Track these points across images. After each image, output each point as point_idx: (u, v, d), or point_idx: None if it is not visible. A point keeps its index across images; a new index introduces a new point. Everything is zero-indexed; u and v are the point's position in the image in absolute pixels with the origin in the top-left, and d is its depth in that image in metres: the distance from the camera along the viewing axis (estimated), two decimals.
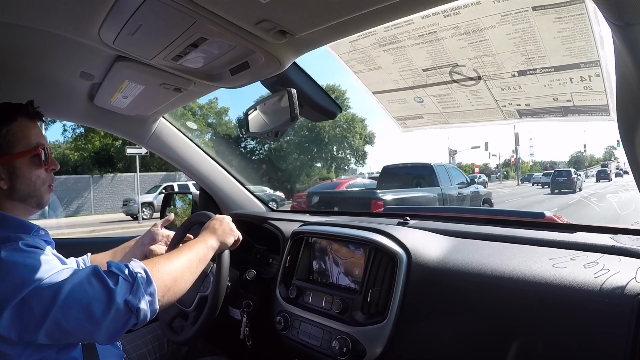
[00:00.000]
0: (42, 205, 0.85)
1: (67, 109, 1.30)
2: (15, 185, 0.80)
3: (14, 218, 0.80)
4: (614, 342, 0.63)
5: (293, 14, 0.68)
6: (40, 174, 0.83)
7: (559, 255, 0.80)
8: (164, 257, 0.83)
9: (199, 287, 1.10)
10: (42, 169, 0.83)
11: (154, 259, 0.81)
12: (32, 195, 0.83)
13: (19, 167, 0.80)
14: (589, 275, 0.70)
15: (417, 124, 1.02)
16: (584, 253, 0.79)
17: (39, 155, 0.82)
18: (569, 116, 0.80)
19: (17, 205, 0.82)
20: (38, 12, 0.75)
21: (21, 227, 0.80)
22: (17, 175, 0.80)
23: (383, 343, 0.87)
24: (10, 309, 0.63)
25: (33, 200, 0.83)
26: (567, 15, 0.63)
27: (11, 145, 0.79)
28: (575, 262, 0.76)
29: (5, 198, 0.80)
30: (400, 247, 0.93)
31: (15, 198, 0.81)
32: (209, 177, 1.62)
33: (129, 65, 0.97)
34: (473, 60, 0.77)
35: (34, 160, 0.82)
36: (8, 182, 0.79)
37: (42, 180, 0.84)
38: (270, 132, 1.00)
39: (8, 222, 0.78)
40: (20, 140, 0.80)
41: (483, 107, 0.87)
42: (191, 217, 1.25)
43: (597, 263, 0.74)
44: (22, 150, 0.80)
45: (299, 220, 1.35)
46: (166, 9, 0.67)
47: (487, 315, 0.78)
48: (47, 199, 0.87)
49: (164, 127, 1.49)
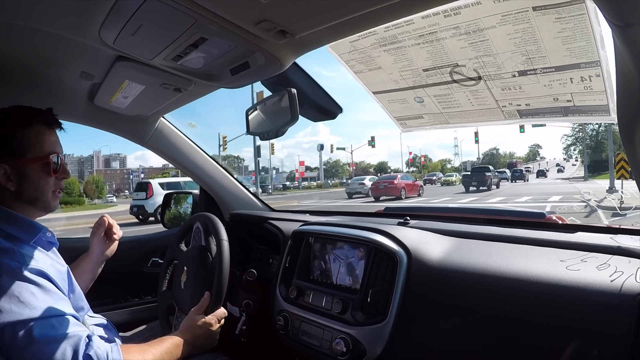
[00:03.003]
0: (48, 210, 0.87)
1: (67, 109, 1.30)
2: (23, 188, 0.82)
3: (24, 218, 0.82)
4: (614, 342, 0.63)
5: (293, 14, 0.68)
6: (49, 181, 0.85)
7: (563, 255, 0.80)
8: (139, 348, 0.83)
9: (200, 287, 1.10)
10: (52, 177, 0.85)
11: (128, 348, 0.80)
12: (39, 199, 0.84)
13: (28, 172, 0.82)
14: (589, 275, 0.70)
15: (418, 124, 1.03)
16: (584, 253, 0.79)
17: (50, 163, 0.83)
18: (569, 116, 0.80)
19: (24, 207, 0.83)
20: (38, 12, 0.75)
21: (30, 227, 0.82)
22: (25, 179, 0.82)
23: (383, 343, 0.87)
24: None
25: (40, 205, 0.85)
26: (567, 16, 0.63)
27: (24, 150, 0.81)
28: (576, 262, 0.76)
29: (13, 199, 0.82)
30: (401, 247, 0.93)
31: (23, 200, 0.83)
32: (209, 177, 1.62)
33: (129, 65, 0.97)
34: (473, 61, 0.77)
35: (44, 167, 0.83)
36: (16, 185, 0.81)
37: (50, 187, 0.85)
38: (270, 132, 1.00)
39: (18, 221, 0.81)
40: (34, 146, 0.82)
41: (483, 107, 0.87)
42: (191, 219, 1.25)
43: (597, 263, 0.74)
44: (34, 156, 0.82)
45: (299, 220, 1.35)
46: (166, 9, 0.67)
47: (487, 315, 0.78)
48: (55, 204, 0.88)
49: (164, 127, 1.49)
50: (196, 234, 1.22)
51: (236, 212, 1.59)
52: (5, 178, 0.80)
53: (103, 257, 1.12)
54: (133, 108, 1.26)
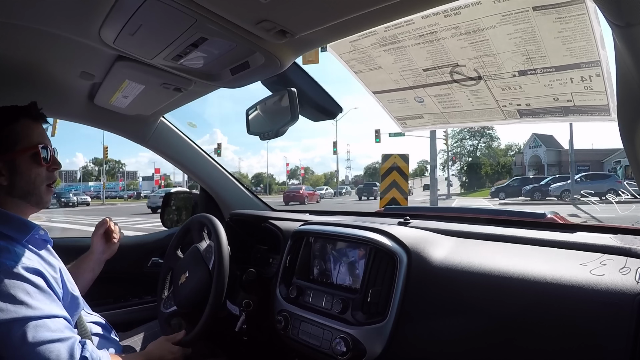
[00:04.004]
0: (41, 205, 0.86)
1: (68, 108, 1.30)
2: (15, 182, 0.82)
3: (16, 216, 0.82)
4: (614, 342, 0.63)
5: (293, 14, 0.68)
6: (40, 172, 0.85)
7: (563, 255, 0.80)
8: None
9: (199, 287, 1.10)
10: (43, 168, 0.85)
11: (115, 358, 0.87)
12: (31, 193, 0.84)
13: (19, 164, 0.82)
14: (588, 275, 0.70)
15: (418, 123, 1.03)
16: (585, 253, 0.79)
17: (39, 153, 0.83)
18: (569, 116, 0.80)
19: (17, 202, 0.83)
20: (38, 12, 0.75)
21: (23, 225, 0.81)
22: (17, 172, 0.82)
23: (383, 342, 0.87)
24: None
25: (32, 199, 0.85)
26: (567, 15, 0.63)
27: (13, 143, 0.82)
28: (576, 262, 0.76)
29: (6, 194, 0.82)
30: (401, 247, 0.93)
31: (15, 195, 0.82)
32: (209, 177, 1.62)
33: (129, 65, 0.97)
34: (473, 60, 0.77)
35: (34, 158, 0.83)
36: (8, 179, 0.81)
37: (42, 179, 0.85)
38: (270, 132, 1.00)
39: (10, 220, 0.80)
40: (22, 139, 0.83)
41: (483, 107, 0.87)
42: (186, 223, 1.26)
43: (597, 263, 0.74)
44: (22, 147, 0.82)
45: (299, 219, 1.35)
46: (167, 9, 0.67)
47: (487, 314, 0.78)
48: (48, 199, 0.88)
49: (164, 127, 1.49)
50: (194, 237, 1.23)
51: (236, 212, 1.59)
52: None
53: (103, 257, 1.12)
54: (133, 108, 1.26)
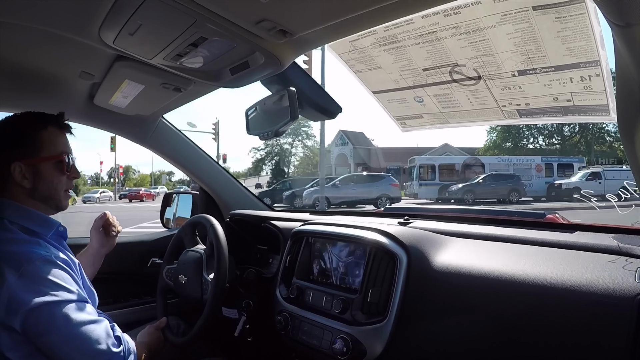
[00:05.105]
0: (60, 208, 0.92)
1: (67, 108, 1.28)
2: (37, 185, 0.86)
3: (39, 213, 0.87)
4: (614, 342, 0.63)
5: (293, 13, 0.68)
6: (61, 179, 0.90)
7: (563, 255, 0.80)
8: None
9: (198, 289, 1.10)
10: (64, 175, 0.90)
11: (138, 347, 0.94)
12: (52, 197, 0.89)
13: (43, 170, 0.87)
14: (588, 275, 0.70)
15: (417, 123, 1.03)
16: (585, 253, 0.79)
17: (63, 161, 0.89)
18: (569, 116, 0.80)
19: (38, 204, 0.88)
20: (38, 12, 0.75)
21: (45, 222, 0.87)
22: (40, 177, 0.87)
23: (383, 342, 0.87)
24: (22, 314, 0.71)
25: (52, 202, 0.90)
26: (567, 15, 0.63)
27: (38, 149, 0.87)
28: (576, 262, 0.76)
29: (27, 196, 0.86)
30: (401, 247, 0.93)
31: (37, 197, 0.87)
32: (209, 177, 1.62)
33: (129, 64, 0.97)
34: (473, 60, 0.77)
35: (57, 165, 0.89)
36: (31, 182, 0.86)
37: (62, 185, 0.91)
38: (270, 132, 1.00)
39: (33, 217, 0.86)
40: (48, 146, 0.88)
41: (483, 106, 0.87)
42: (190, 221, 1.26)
43: (597, 263, 0.74)
44: (48, 155, 0.87)
45: (299, 219, 1.35)
46: (166, 9, 0.67)
47: (487, 315, 0.78)
48: (66, 203, 0.93)
49: (163, 127, 1.48)
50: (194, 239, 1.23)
51: (236, 212, 1.59)
52: (20, 176, 0.84)
53: (102, 251, 1.14)
54: (133, 108, 1.26)
